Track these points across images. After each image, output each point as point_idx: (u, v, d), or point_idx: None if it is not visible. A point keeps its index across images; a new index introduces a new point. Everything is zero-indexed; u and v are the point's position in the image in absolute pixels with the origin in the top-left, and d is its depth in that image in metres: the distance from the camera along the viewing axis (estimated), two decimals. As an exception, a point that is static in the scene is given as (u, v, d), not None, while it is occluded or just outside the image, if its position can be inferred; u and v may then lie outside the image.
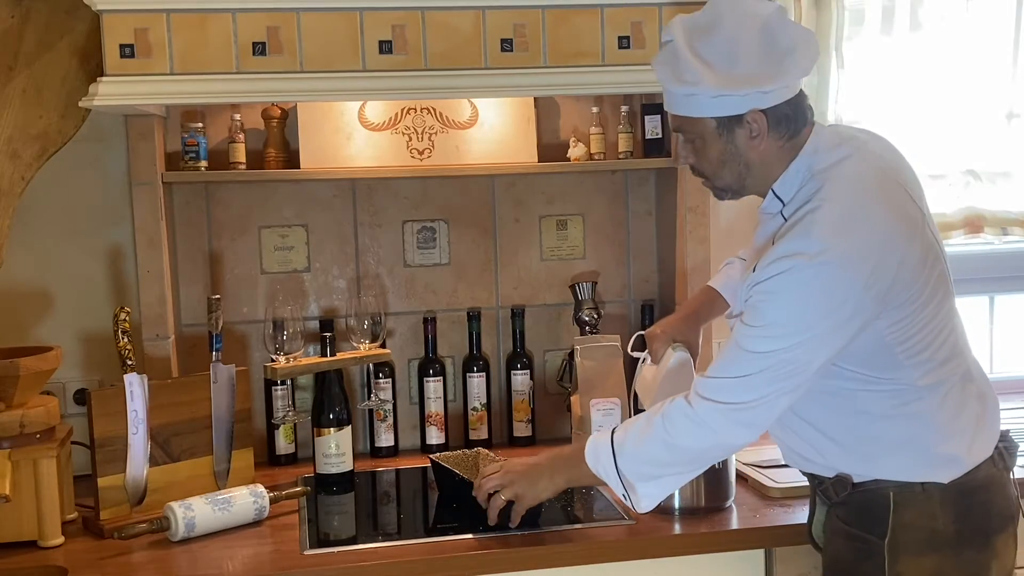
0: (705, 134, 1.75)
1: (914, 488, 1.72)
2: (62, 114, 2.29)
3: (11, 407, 2.07)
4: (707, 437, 1.74)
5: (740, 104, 1.70)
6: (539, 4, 2.21)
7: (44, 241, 2.50)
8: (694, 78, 1.69)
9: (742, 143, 1.74)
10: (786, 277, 1.63)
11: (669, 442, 1.76)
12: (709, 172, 1.81)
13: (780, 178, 1.75)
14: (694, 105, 1.73)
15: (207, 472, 2.27)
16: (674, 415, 1.75)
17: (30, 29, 2.26)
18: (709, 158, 1.78)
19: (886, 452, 1.74)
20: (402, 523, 2.23)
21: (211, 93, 2.17)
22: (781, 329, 1.65)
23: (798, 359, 1.66)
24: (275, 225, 2.62)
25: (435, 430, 2.64)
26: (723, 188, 1.83)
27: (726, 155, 1.76)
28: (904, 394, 1.72)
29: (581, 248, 2.75)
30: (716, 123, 1.73)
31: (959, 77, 2.82)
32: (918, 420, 1.73)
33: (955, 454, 1.73)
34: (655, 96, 2.68)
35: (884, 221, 1.67)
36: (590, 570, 2.00)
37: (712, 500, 2.12)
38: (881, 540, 1.73)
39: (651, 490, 1.82)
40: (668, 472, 1.82)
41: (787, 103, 1.73)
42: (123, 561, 1.98)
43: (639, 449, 1.80)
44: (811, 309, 1.64)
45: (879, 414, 1.73)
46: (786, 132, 1.74)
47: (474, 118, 2.60)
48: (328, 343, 2.50)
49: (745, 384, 1.69)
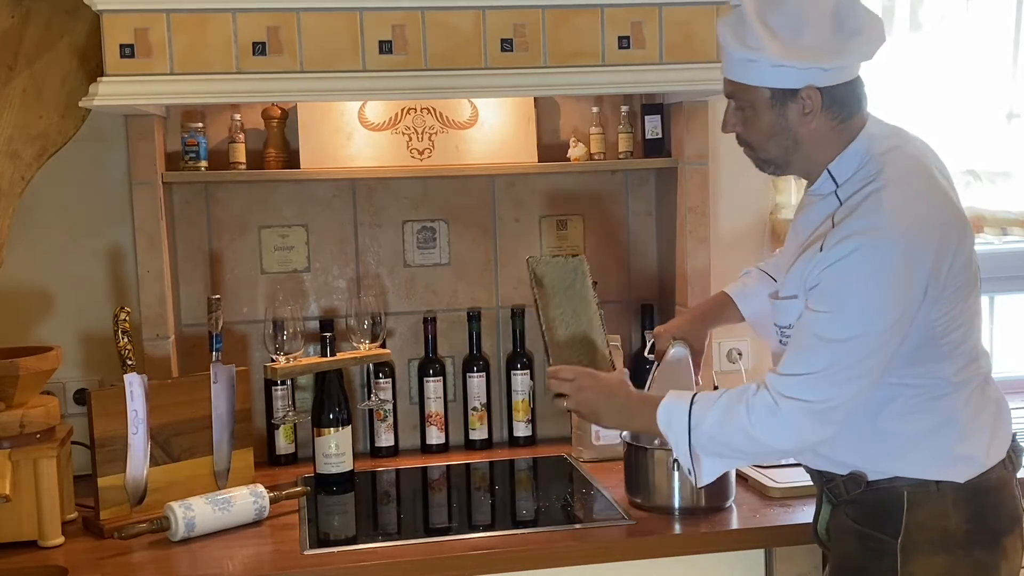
0: (757, 104, 1.73)
1: (928, 487, 1.72)
2: (62, 114, 2.29)
3: (11, 407, 2.07)
4: (791, 437, 1.70)
5: (798, 78, 1.69)
6: (539, 4, 2.21)
7: (44, 241, 2.50)
8: (757, 44, 1.67)
9: (793, 118, 1.73)
10: (861, 255, 1.62)
11: (752, 435, 1.70)
12: (756, 143, 1.79)
13: (837, 159, 1.74)
14: (752, 72, 1.71)
15: (207, 472, 2.27)
16: (760, 410, 1.69)
17: (30, 29, 2.26)
18: (758, 128, 1.76)
19: (906, 448, 1.73)
20: (402, 523, 2.23)
21: (211, 93, 2.17)
22: (857, 312, 1.63)
23: (873, 347, 1.64)
24: (275, 225, 2.62)
25: (435, 430, 2.64)
26: (767, 161, 1.80)
27: (775, 128, 1.74)
28: (935, 388, 1.72)
29: (581, 248, 2.75)
30: (771, 94, 1.71)
31: (959, 77, 2.83)
32: (942, 417, 1.73)
33: (973, 454, 1.73)
34: (655, 96, 2.68)
35: (944, 206, 1.69)
36: (590, 570, 2.00)
37: (712, 500, 2.12)
38: (894, 539, 1.72)
39: (715, 467, 1.79)
40: (739, 457, 1.80)
41: (844, 85, 1.72)
42: (123, 561, 1.98)
43: (718, 433, 1.74)
44: (885, 289, 1.62)
45: (906, 409, 1.72)
46: (839, 114, 1.73)
47: (474, 118, 2.60)
48: (328, 343, 2.50)
49: (826, 379, 1.65)
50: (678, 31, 2.26)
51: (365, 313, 2.42)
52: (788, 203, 2.76)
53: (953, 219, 1.70)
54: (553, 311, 2.08)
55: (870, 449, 1.75)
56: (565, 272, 2.12)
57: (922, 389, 1.72)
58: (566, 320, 2.09)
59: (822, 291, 1.65)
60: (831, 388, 1.65)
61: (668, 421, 1.80)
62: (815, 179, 1.78)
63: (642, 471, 2.14)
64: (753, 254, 2.80)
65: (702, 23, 2.26)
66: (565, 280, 2.11)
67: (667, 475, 2.11)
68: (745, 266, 2.28)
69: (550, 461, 2.55)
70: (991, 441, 1.76)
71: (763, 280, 2.13)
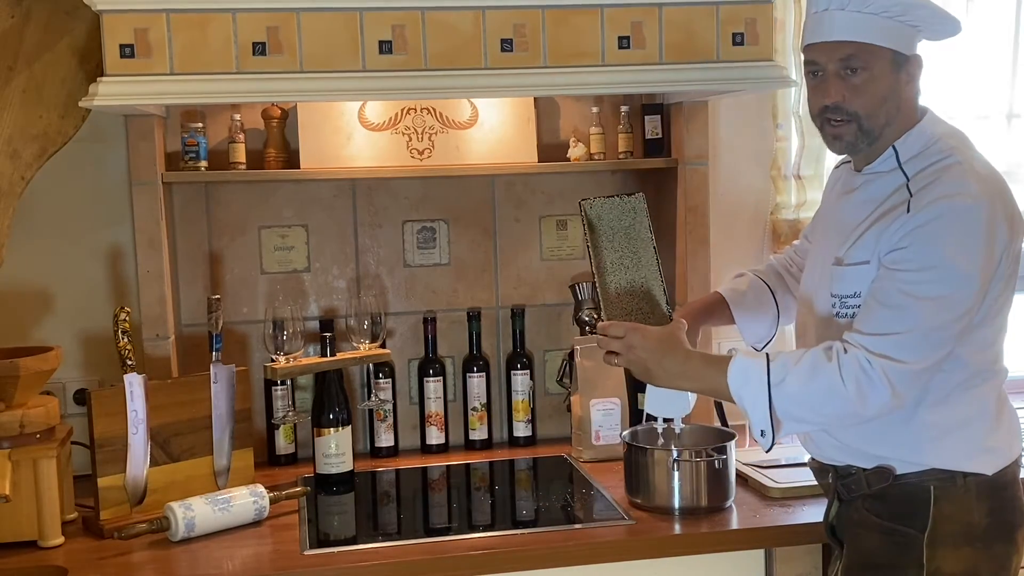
0: (878, 67, 1.72)
1: (955, 481, 1.73)
2: (62, 114, 2.29)
3: (11, 407, 2.07)
4: (881, 398, 1.66)
5: (913, 42, 1.73)
6: (539, 4, 2.21)
7: (44, 241, 2.50)
8: None
9: (902, 84, 1.75)
10: (950, 217, 1.63)
11: (843, 394, 1.66)
12: (867, 108, 1.74)
13: (903, 137, 1.75)
14: (885, 31, 1.71)
15: (207, 472, 2.27)
16: (852, 367, 1.66)
17: (30, 29, 2.26)
18: (873, 93, 1.73)
19: (939, 438, 1.74)
20: (402, 523, 2.23)
21: (211, 93, 2.17)
22: (950, 270, 1.63)
23: (962, 308, 1.64)
24: (275, 225, 2.62)
25: (435, 430, 2.64)
26: (868, 130, 1.76)
27: (890, 93, 1.74)
28: (973, 376, 1.73)
29: (581, 248, 2.75)
30: (892, 56, 1.72)
31: (959, 77, 2.83)
32: (974, 408, 1.75)
33: (1000, 446, 1.76)
34: (655, 96, 2.68)
35: (1011, 193, 1.74)
36: (590, 570, 2.00)
37: (712, 500, 2.12)
38: (921, 533, 1.74)
39: (791, 431, 1.77)
40: (820, 421, 1.76)
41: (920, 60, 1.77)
42: (123, 561, 1.98)
43: (805, 392, 1.71)
44: (976, 249, 1.64)
45: (945, 397, 1.73)
46: (918, 89, 1.78)
47: (474, 118, 2.60)
48: (328, 343, 2.50)
49: (919, 338, 1.64)
50: (678, 31, 2.25)
51: (365, 313, 2.42)
52: (788, 203, 2.76)
53: (1018, 211, 1.74)
54: (607, 257, 1.97)
55: (903, 440, 1.75)
56: (623, 213, 2.00)
57: (962, 375, 1.73)
58: (623, 267, 1.99)
59: (913, 252, 1.66)
60: (924, 348, 1.65)
61: (743, 381, 1.74)
62: (874, 157, 1.78)
63: (642, 471, 2.14)
64: (753, 254, 2.80)
65: (702, 23, 2.26)
66: (623, 221, 2.00)
67: (667, 475, 2.10)
68: (745, 266, 2.28)
69: (550, 461, 2.55)
70: (1013, 436, 1.79)
71: (756, 283, 2.14)
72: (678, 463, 2.09)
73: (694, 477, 2.10)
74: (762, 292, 2.12)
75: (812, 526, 2.02)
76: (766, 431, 1.74)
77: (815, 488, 2.07)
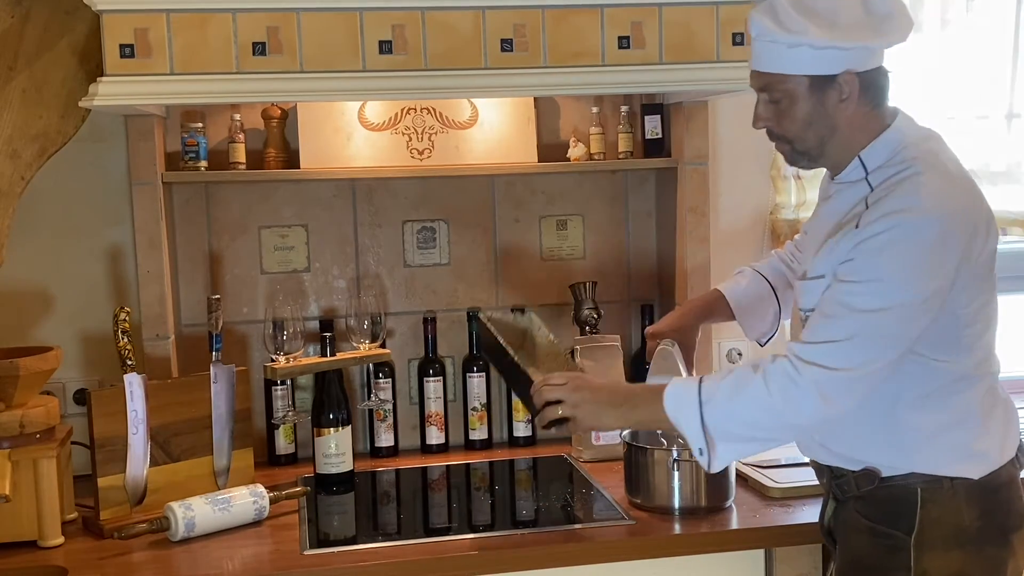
0: (795, 93, 1.72)
1: (942, 484, 1.72)
2: (62, 114, 2.29)
3: (11, 407, 2.07)
4: (809, 406, 1.66)
5: (836, 63, 1.69)
6: (539, 4, 2.21)
7: (44, 241, 2.50)
8: (800, 28, 1.67)
9: (831, 105, 1.72)
10: (897, 232, 1.63)
11: (769, 405, 1.67)
12: (792, 134, 1.76)
13: (868, 147, 1.74)
14: (790, 60, 1.70)
15: (207, 472, 2.27)
16: (778, 378, 1.67)
17: (30, 29, 2.26)
18: (795, 118, 1.74)
19: (923, 444, 1.73)
20: (402, 523, 2.23)
21: (211, 93, 2.17)
22: (891, 284, 1.63)
23: (903, 321, 1.64)
24: (275, 225, 2.62)
25: (435, 430, 2.64)
26: (803, 152, 1.79)
27: (813, 116, 1.73)
28: (954, 381, 1.73)
29: (581, 248, 2.75)
30: (810, 82, 1.71)
31: (959, 77, 2.82)
32: (959, 413, 1.73)
33: (987, 451, 1.75)
34: (655, 96, 2.68)
35: (978, 197, 1.72)
36: (590, 570, 2.00)
37: (712, 500, 2.12)
38: (908, 536, 1.73)
39: (728, 452, 1.75)
40: (755, 435, 1.74)
41: (876, 71, 1.74)
42: (123, 561, 1.98)
43: (732, 406, 1.71)
44: (921, 265, 1.63)
45: (923, 402, 1.73)
46: (872, 100, 1.74)
47: (474, 118, 2.60)
48: (328, 343, 2.50)
49: (852, 347, 1.64)
50: (678, 31, 2.25)
51: (365, 313, 2.42)
52: (788, 203, 2.76)
53: (985, 214, 1.73)
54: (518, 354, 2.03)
55: (886, 444, 1.75)
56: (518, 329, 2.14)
57: (943, 378, 1.72)
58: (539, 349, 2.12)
59: (855, 264, 1.66)
60: (854, 356, 1.65)
61: (677, 405, 1.74)
62: (843, 168, 1.78)
63: (642, 471, 2.14)
64: (753, 254, 2.80)
65: (702, 23, 2.26)
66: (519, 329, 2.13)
67: (667, 475, 2.11)
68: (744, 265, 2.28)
69: (550, 461, 2.55)
70: (1004, 439, 1.77)
71: (756, 279, 2.13)
72: (678, 463, 2.09)
73: (694, 477, 2.10)
74: (762, 288, 2.12)
75: (812, 526, 2.02)
76: (703, 450, 1.74)
77: (815, 488, 2.07)
